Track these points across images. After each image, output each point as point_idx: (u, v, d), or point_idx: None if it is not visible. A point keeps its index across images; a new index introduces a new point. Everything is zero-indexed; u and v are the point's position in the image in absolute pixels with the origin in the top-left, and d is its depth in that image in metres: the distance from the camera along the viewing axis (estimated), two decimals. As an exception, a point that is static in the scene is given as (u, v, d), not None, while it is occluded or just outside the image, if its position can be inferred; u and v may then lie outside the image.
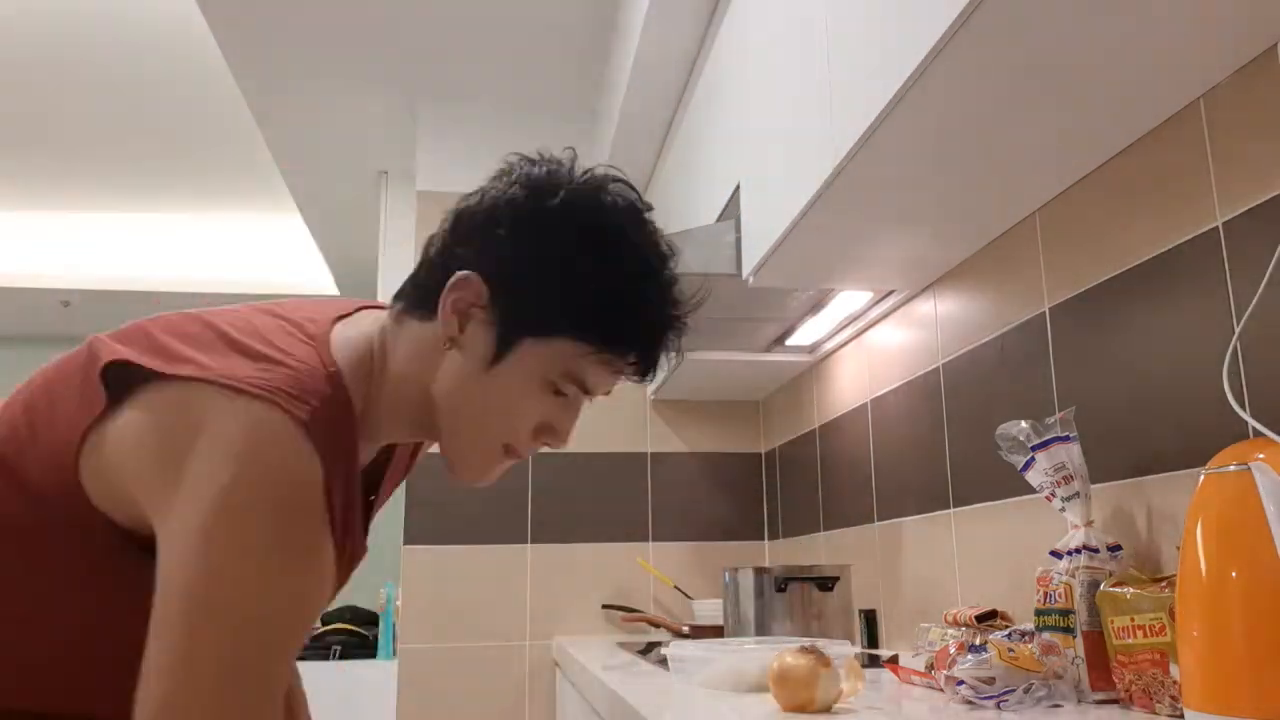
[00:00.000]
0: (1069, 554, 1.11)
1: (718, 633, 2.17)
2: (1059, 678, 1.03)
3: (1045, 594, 1.11)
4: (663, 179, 2.74)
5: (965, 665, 1.02)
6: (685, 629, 2.44)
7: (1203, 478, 0.80)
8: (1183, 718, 0.80)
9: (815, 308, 2.05)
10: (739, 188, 1.84)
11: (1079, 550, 1.09)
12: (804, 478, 2.53)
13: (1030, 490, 1.18)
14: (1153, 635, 0.93)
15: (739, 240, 1.82)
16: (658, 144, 2.71)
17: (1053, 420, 1.15)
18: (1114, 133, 1.21)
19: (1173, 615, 0.89)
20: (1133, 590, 0.97)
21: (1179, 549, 0.80)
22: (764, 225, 1.65)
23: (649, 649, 2.02)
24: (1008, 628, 1.17)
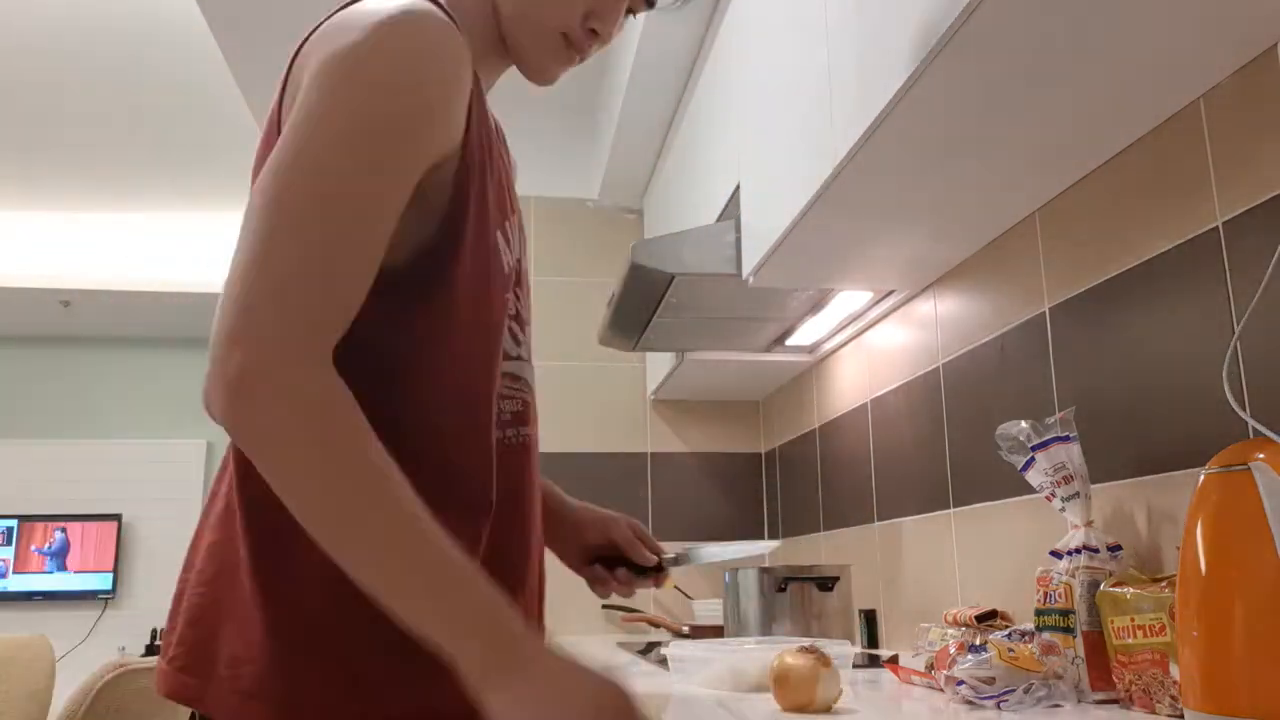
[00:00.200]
0: (1069, 554, 1.10)
1: (718, 633, 2.17)
2: (1059, 678, 1.03)
3: (1045, 594, 1.11)
4: (663, 179, 2.74)
5: (965, 665, 1.02)
6: (685, 629, 2.44)
7: (1203, 478, 0.80)
8: (1182, 718, 0.80)
9: (815, 308, 2.05)
10: (739, 188, 1.84)
11: (1079, 550, 1.09)
12: (804, 478, 2.53)
13: (1030, 490, 1.17)
14: (1153, 635, 0.93)
15: (739, 240, 1.82)
16: (658, 144, 2.71)
17: (1053, 420, 1.15)
18: (1114, 133, 1.21)
19: (1173, 615, 0.89)
20: (1133, 590, 0.97)
21: (1179, 549, 0.80)
22: (764, 225, 1.65)
23: (649, 649, 2.02)
24: (1008, 628, 1.17)
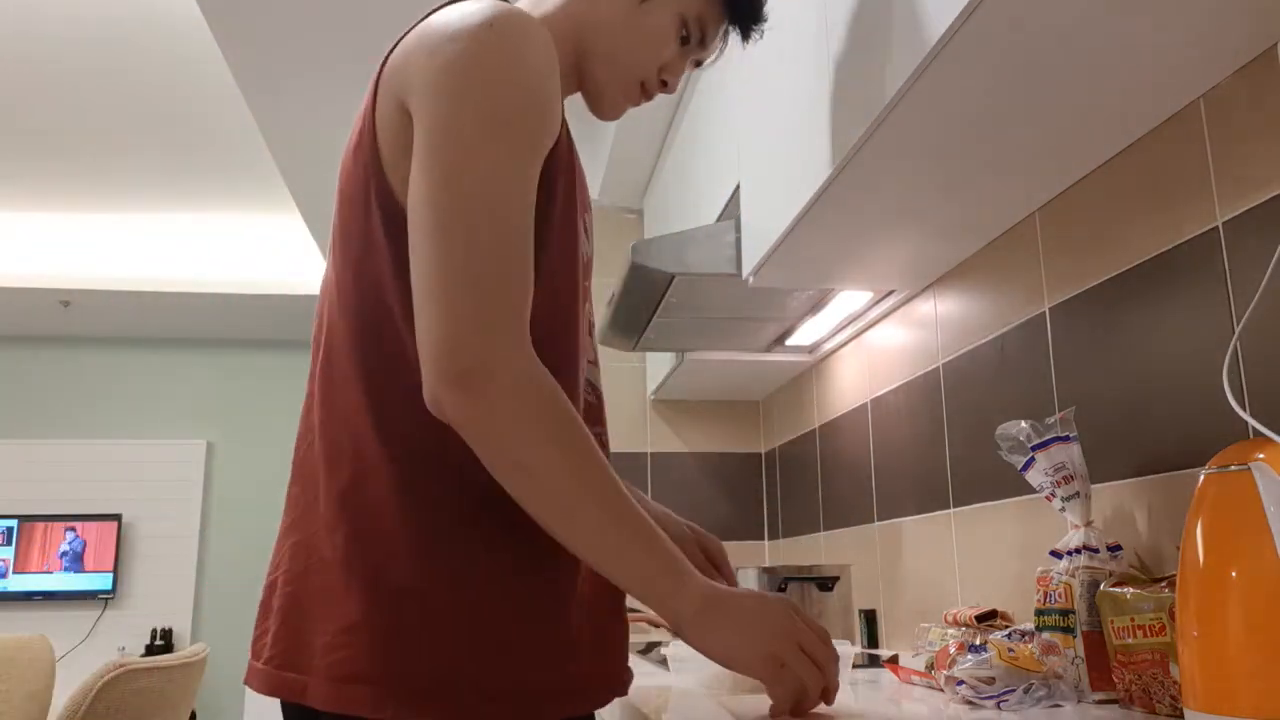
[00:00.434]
0: (1069, 554, 1.10)
1: (718, 633, 2.16)
2: (1059, 678, 1.03)
3: (1045, 594, 1.11)
4: (663, 179, 2.74)
5: (965, 665, 1.02)
6: (685, 629, 2.43)
7: (1203, 478, 0.80)
8: (1182, 718, 0.80)
9: (815, 308, 2.05)
10: (739, 188, 1.84)
11: (1079, 550, 1.09)
12: (804, 478, 2.53)
13: (1030, 490, 1.17)
14: (1153, 635, 0.93)
15: (739, 240, 1.82)
16: (658, 144, 2.71)
17: (1053, 420, 1.15)
18: (1114, 133, 1.20)
19: (1173, 615, 0.89)
20: (1133, 590, 0.97)
21: (1179, 549, 0.80)
22: (764, 225, 1.65)
23: (649, 649, 2.02)
24: (1008, 628, 1.17)
